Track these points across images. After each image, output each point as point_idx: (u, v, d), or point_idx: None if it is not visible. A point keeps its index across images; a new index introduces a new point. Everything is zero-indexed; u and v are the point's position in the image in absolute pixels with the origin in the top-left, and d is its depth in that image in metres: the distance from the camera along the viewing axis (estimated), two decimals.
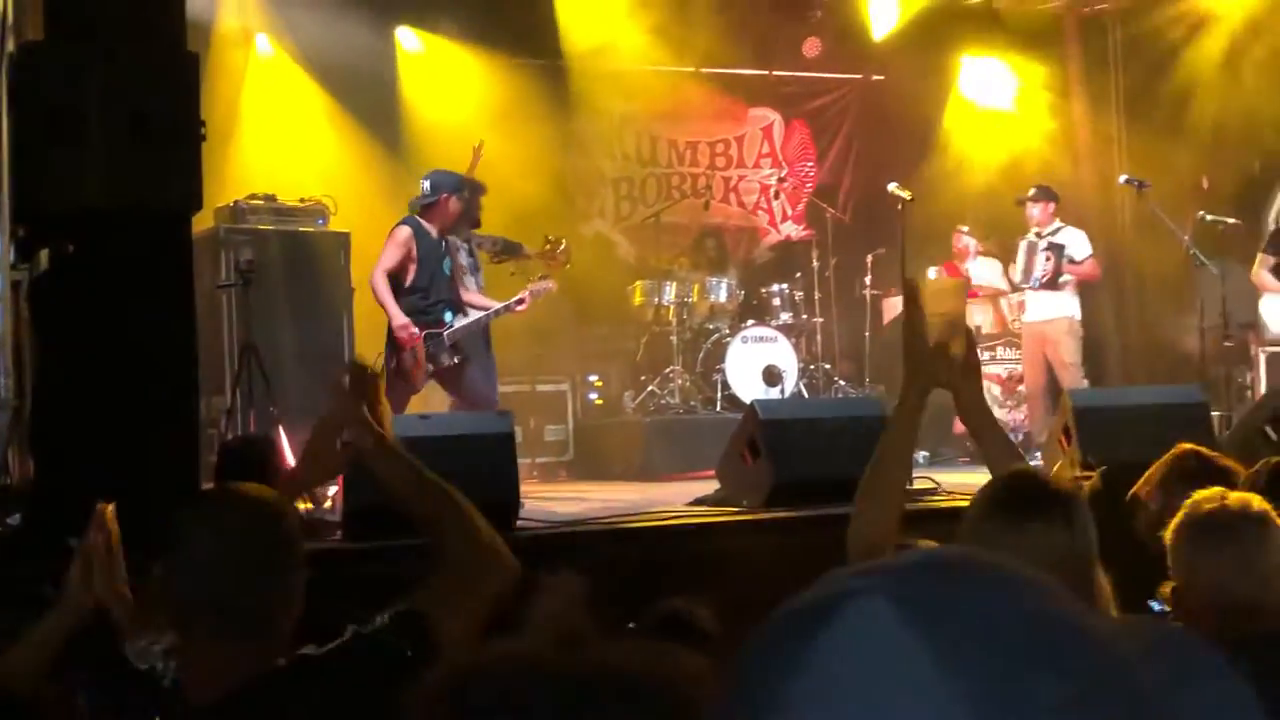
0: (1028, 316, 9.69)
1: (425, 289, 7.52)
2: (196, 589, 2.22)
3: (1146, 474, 3.64)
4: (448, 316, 7.53)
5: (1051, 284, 9.41)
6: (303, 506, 6.59)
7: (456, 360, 7.53)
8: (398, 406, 7.11)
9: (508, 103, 10.63)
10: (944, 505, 5.76)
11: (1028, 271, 9.54)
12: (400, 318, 7.39)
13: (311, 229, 8.61)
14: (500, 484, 5.32)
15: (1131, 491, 3.62)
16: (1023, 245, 9.66)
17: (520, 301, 7.85)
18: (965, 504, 2.41)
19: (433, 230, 7.52)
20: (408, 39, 10.78)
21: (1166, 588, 2.68)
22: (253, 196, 8.61)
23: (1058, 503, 2.23)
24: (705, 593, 3.03)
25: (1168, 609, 2.74)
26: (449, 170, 7.76)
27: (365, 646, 2.21)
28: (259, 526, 2.27)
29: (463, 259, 8.15)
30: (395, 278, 7.55)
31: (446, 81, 10.71)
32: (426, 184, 7.67)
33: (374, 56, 10.36)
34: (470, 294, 7.94)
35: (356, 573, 4.39)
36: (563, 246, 8.33)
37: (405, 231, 7.48)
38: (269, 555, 2.25)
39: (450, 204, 7.53)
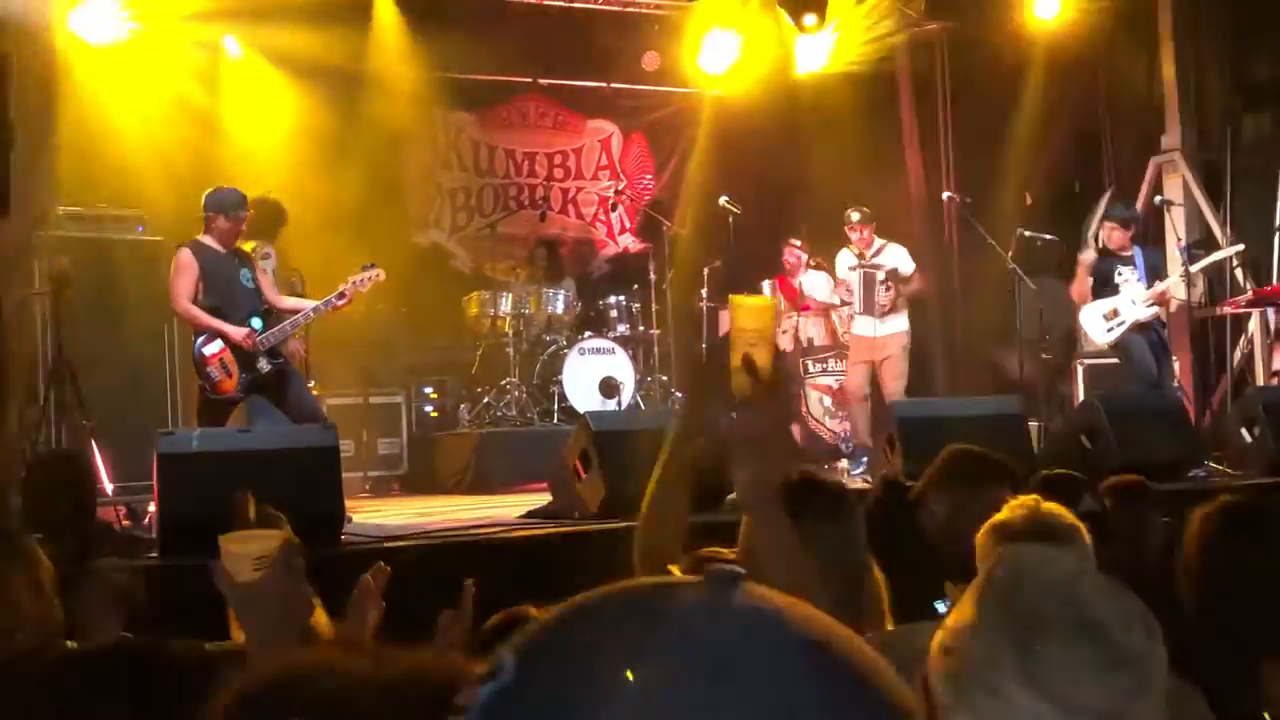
0: (856, 328, 9.76)
1: (220, 305, 7.19)
2: None
3: (923, 477, 3.61)
4: (255, 324, 7.22)
5: (893, 309, 9.54)
6: (122, 522, 6.38)
7: (276, 365, 7.19)
8: (219, 424, 6.89)
9: (338, 111, 10.42)
10: None
11: (869, 302, 9.53)
12: (237, 331, 7.10)
13: (128, 237, 8.32)
14: (323, 498, 5.19)
15: (912, 495, 3.59)
16: (857, 275, 9.64)
17: (341, 296, 7.31)
18: None
19: (216, 245, 7.22)
20: (234, 47, 10.46)
21: (951, 588, 2.71)
22: (69, 204, 8.29)
23: (829, 503, 2.26)
24: (534, 606, 2.98)
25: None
26: (227, 188, 7.39)
27: (124, 655, 2.18)
28: None
29: (269, 267, 7.87)
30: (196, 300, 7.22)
31: (268, 92, 10.42)
32: (203, 201, 7.37)
33: (202, 64, 10.07)
34: (286, 300, 7.62)
35: (170, 590, 4.22)
36: (369, 274, 7.35)
37: (184, 255, 7.16)
38: None
39: (218, 222, 7.22)
